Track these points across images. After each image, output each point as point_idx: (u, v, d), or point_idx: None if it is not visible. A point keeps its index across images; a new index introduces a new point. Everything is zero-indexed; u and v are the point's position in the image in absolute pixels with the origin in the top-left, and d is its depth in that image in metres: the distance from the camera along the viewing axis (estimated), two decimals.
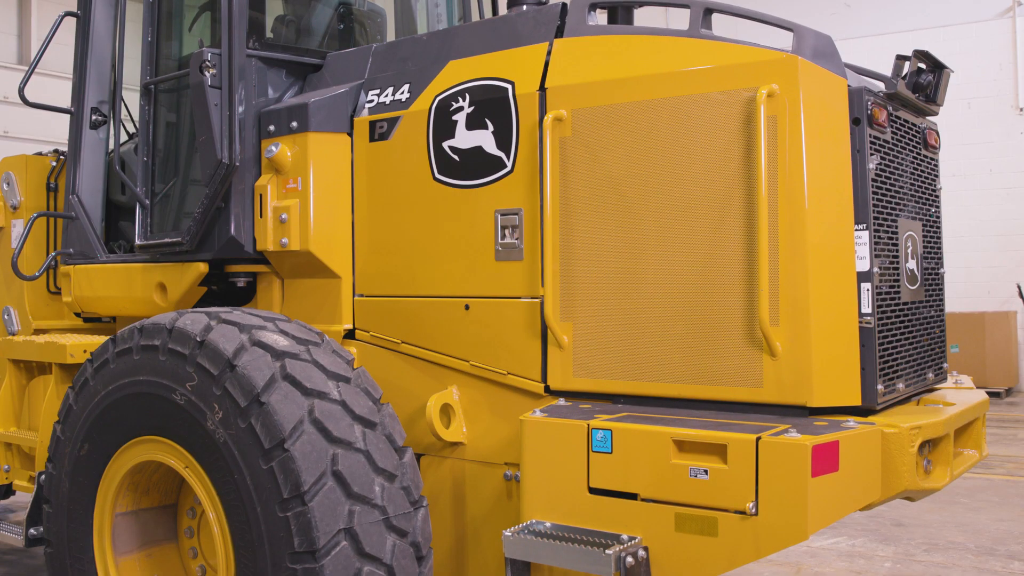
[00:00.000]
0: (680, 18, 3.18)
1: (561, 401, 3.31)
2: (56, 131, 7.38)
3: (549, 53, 3.40)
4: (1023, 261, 13.45)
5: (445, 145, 3.56)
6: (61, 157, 5.25)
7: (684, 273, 3.08)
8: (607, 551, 2.77)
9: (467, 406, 3.54)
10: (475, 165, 3.49)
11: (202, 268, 4.00)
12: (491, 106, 3.45)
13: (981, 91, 13.52)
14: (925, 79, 3.43)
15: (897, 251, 3.30)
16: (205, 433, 3.15)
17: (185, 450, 3.24)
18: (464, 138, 3.51)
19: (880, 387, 3.08)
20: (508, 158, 3.42)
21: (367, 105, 3.80)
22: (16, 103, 5.72)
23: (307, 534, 2.91)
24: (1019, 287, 13.27)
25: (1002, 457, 8.82)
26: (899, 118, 3.38)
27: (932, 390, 3.66)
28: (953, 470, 3.22)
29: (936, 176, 3.77)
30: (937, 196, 3.77)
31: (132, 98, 4.65)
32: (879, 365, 3.08)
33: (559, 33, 3.44)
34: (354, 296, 3.81)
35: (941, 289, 3.80)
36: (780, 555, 4.96)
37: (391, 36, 5.03)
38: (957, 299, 10.26)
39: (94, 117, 4.65)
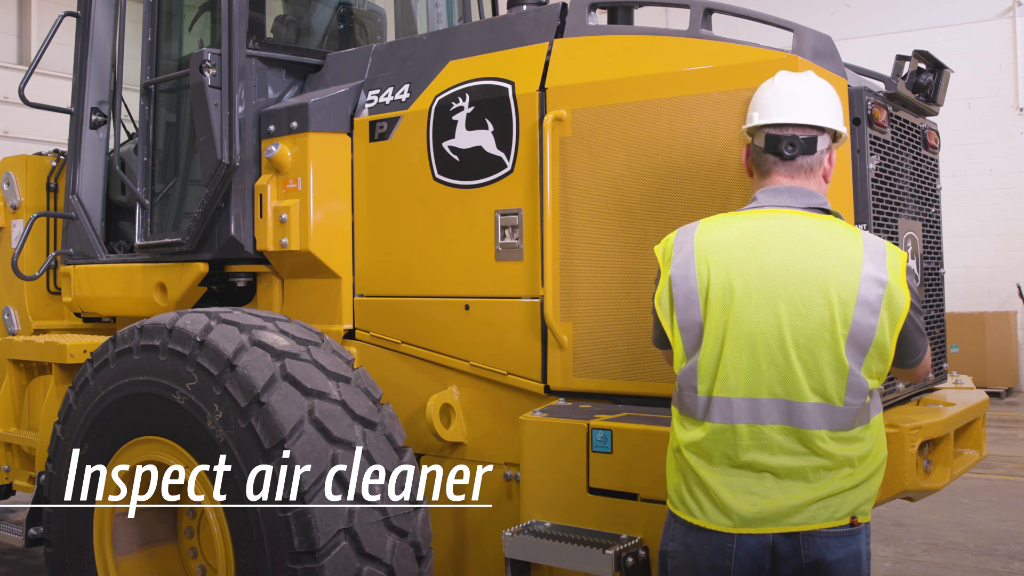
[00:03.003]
0: (680, 18, 3.17)
1: (561, 401, 3.31)
2: (56, 131, 7.37)
3: (549, 53, 3.40)
4: (1023, 261, 13.44)
5: (445, 145, 3.55)
6: (61, 157, 5.24)
7: None
8: (607, 551, 2.77)
9: (467, 406, 3.54)
10: (475, 165, 3.48)
11: (202, 268, 3.99)
12: (491, 106, 3.45)
13: (981, 91, 13.51)
14: (925, 79, 3.43)
15: None
16: (205, 433, 3.14)
17: (185, 450, 3.24)
18: (464, 138, 3.51)
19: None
20: (508, 158, 3.41)
21: (367, 105, 3.80)
22: (16, 103, 5.71)
23: (307, 534, 2.91)
24: (1019, 287, 13.26)
25: (1002, 457, 8.81)
26: (899, 118, 3.38)
27: (932, 390, 3.66)
28: (953, 470, 3.22)
29: (936, 176, 3.77)
30: (937, 196, 3.77)
31: (132, 98, 4.65)
32: None
33: (559, 33, 3.43)
34: (354, 296, 3.81)
35: (941, 289, 3.80)
36: None
37: (391, 36, 5.03)
38: (957, 299, 10.26)
39: (94, 117, 4.64)
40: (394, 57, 3.85)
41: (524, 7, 3.62)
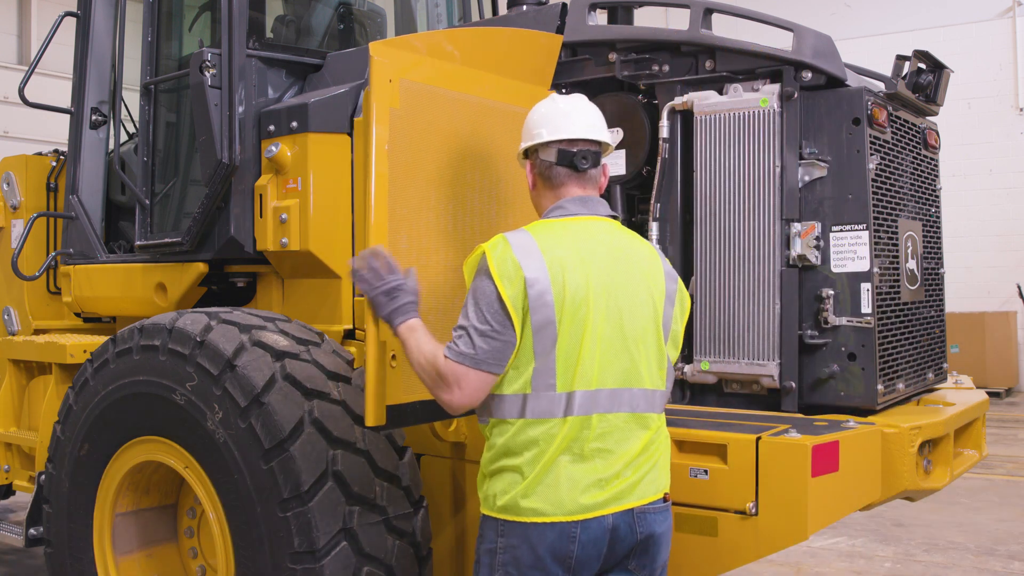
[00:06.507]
0: (680, 18, 3.17)
1: None
2: (56, 131, 7.38)
3: None
4: (1023, 261, 13.45)
5: None
6: (61, 157, 5.25)
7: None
8: None
9: None
10: None
11: (202, 268, 3.99)
12: None
13: (981, 91, 13.51)
14: (925, 79, 3.43)
15: (897, 251, 3.30)
16: (205, 433, 3.14)
17: (185, 450, 3.24)
18: None
19: (880, 387, 3.07)
20: None
21: None
22: (16, 103, 5.72)
23: (307, 534, 2.91)
24: (1019, 287, 13.27)
25: (1002, 457, 8.82)
26: (899, 118, 3.38)
27: (932, 390, 3.66)
28: (953, 470, 3.22)
29: (936, 176, 3.77)
30: (937, 196, 3.77)
31: (132, 98, 4.65)
32: (879, 365, 3.08)
33: (559, 33, 3.43)
34: (354, 296, 3.80)
35: (941, 289, 3.79)
36: (780, 555, 4.95)
37: (391, 36, 5.03)
38: (957, 299, 10.25)
39: (94, 117, 4.64)
40: None
41: (524, 7, 3.61)
